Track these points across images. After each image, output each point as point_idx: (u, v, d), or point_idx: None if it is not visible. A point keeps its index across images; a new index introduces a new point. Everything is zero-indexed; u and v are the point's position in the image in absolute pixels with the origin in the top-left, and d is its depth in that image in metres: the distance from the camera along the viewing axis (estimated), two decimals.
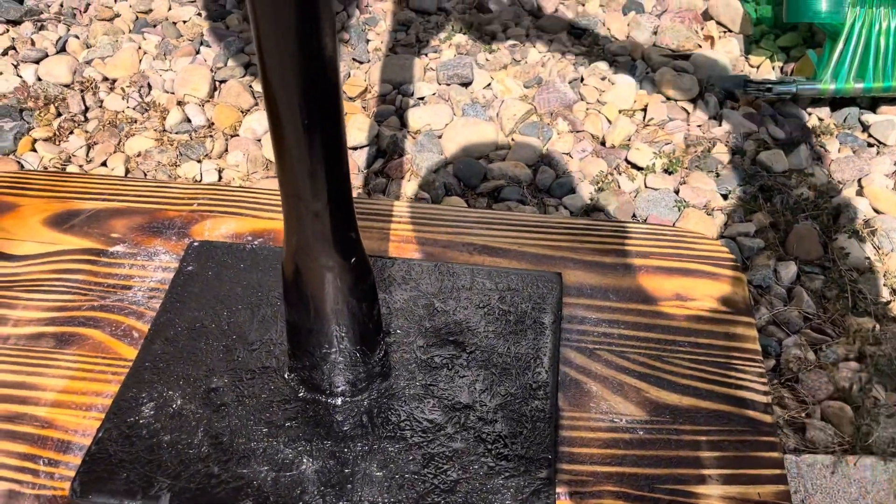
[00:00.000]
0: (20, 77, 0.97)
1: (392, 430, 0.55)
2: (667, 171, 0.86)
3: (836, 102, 0.94)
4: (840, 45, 0.90)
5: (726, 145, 0.89)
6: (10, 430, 0.56)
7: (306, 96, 0.40)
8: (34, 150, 0.87)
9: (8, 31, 1.05)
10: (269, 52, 0.39)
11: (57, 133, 0.89)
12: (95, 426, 0.56)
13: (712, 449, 0.56)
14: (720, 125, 0.93)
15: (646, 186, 0.84)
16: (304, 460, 0.53)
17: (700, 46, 1.08)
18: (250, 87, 0.96)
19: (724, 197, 0.83)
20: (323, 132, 0.42)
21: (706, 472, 0.55)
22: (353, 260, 0.49)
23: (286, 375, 0.58)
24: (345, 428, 0.55)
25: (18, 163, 0.85)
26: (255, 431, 0.54)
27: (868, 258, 0.74)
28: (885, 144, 0.89)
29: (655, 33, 1.10)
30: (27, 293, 0.66)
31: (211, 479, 0.52)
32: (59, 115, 0.91)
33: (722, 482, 0.54)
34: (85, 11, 1.11)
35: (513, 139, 0.91)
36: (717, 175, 0.85)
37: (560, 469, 0.54)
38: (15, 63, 0.99)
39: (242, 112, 0.92)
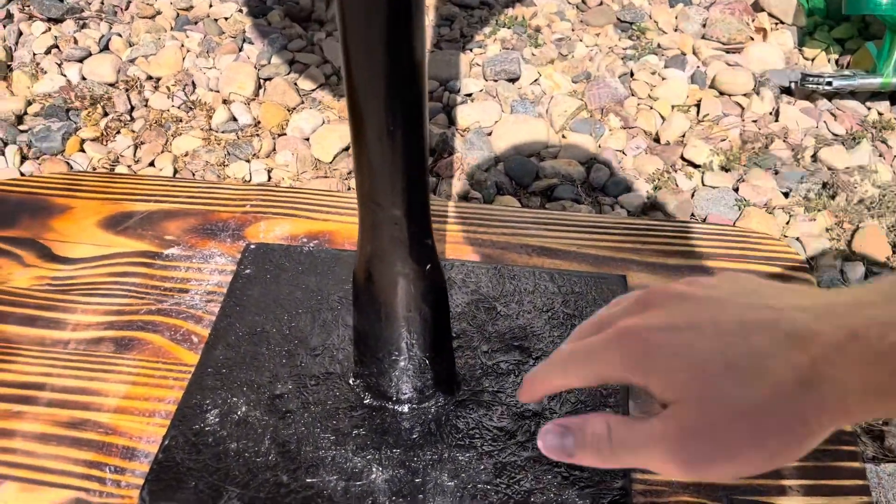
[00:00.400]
0: (65, 76, 0.96)
1: (462, 439, 0.53)
2: (724, 169, 0.84)
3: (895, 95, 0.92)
4: None
5: (784, 141, 0.87)
6: (74, 436, 0.55)
7: (392, 103, 0.39)
8: (82, 150, 0.86)
9: (50, 29, 1.05)
10: (356, 56, 0.37)
11: (104, 133, 0.88)
12: (160, 433, 0.55)
13: None
14: (777, 120, 0.91)
15: (703, 184, 0.82)
16: (374, 469, 0.52)
17: (752, 39, 1.05)
18: (295, 84, 0.95)
19: (786, 195, 0.81)
20: (406, 139, 0.40)
21: (786, 482, 0.53)
22: (427, 267, 0.48)
23: (351, 381, 0.57)
24: (413, 436, 0.54)
25: (67, 163, 0.84)
26: (322, 439, 0.53)
27: None
28: None
29: (704, 26, 1.07)
30: (84, 297, 0.65)
31: (280, 489, 0.51)
32: (106, 114, 0.91)
33: (803, 493, 0.52)
34: (126, 9, 1.11)
35: (564, 136, 0.89)
36: (777, 172, 0.83)
37: (635, 479, 0.53)
38: (59, 62, 0.99)
39: (289, 110, 0.91)
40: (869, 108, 0.92)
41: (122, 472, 0.53)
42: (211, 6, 1.10)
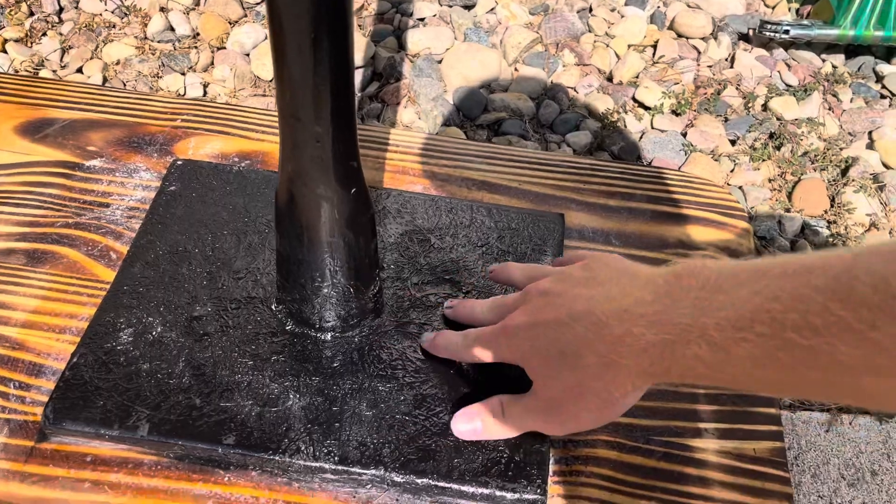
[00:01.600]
0: None
1: (384, 369, 0.53)
2: (675, 113, 0.82)
3: (851, 50, 0.91)
4: None
5: (737, 89, 0.86)
6: None
7: (315, 7, 0.36)
8: (4, 51, 0.81)
9: None
10: None
11: (29, 34, 0.83)
12: (69, 350, 0.53)
13: (709, 402, 0.55)
14: (731, 67, 0.89)
15: (652, 127, 0.81)
16: (291, 396, 0.51)
17: None
18: None
19: (733, 143, 0.80)
20: (331, 48, 0.38)
21: (702, 425, 0.54)
22: (353, 190, 0.46)
23: (273, 307, 0.55)
24: (334, 364, 0.53)
25: None
26: (239, 364, 0.52)
27: (874, 214, 0.72)
28: None
29: None
30: None
31: (192, 412, 0.49)
32: (32, 14, 0.85)
33: (718, 436, 0.53)
34: None
35: (516, 69, 0.86)
36: (726, 119, 0.82)
37: None
38: None
39: (230, 23, 0.87)
40: (824, 61, 0.91)
41: (27, 388, 0.51)
42: None
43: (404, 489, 0.48)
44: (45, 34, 0.83)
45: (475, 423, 0.48)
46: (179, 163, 0.64)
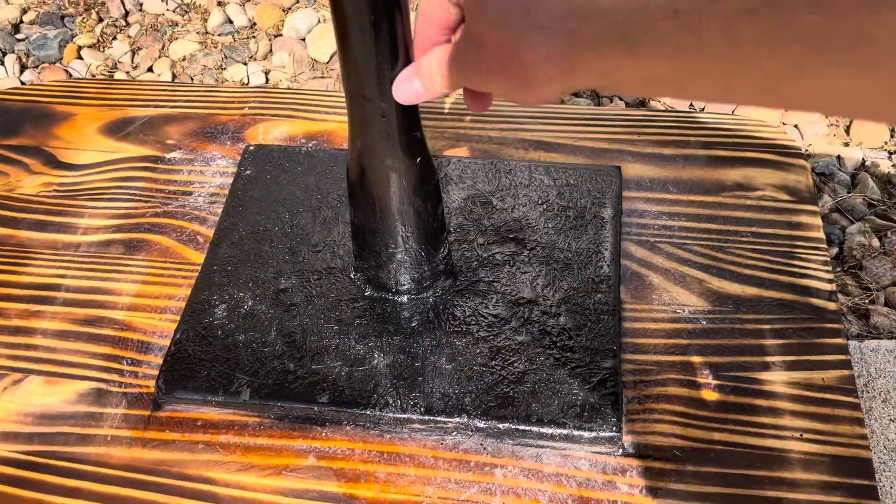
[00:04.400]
0: None
1: (458, 326, 0.56)
2: None
3: None
4: None
5: None
6: (92, 332, 0.58)
7: None
8: (80, 57, 0.86)
9: None
10: None
11: (100, 39, 0.88)
12: (171, 328, 0.58)
13: (776, 337, 0.57)
14: None
15: None
16: (376, 355, 0.55)
17: None
18: None
19: None
20: (390, 29, 0.41)
21: (770, 359, 0.55)
22: (418, 160, 0.49)
23: (352, 275, 0.59)
24: (412, 324, 0.56)
25: (66, 71, 0.84)
26: (325, 329, 0.56)
27: None
28: None
29: None
30: (92, 201, 0.67)
31: (287, 375, 0.54)
32: (101, 20, 0.90)
33: (786, 368, 0.55)
34: None
35: None
36: None
37: (625, 359, 0.55)
38: None
39: (284, 11, 0.90)
40: None
41: (138, 364, 0.57)
42: None
43: (487, 434, 0.52)
44: (114, 38, 0.88)
45: (415, 85, 0.41)
46: (252, 148, 0.69)
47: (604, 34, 0.27)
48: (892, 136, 0.73)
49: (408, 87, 0.42)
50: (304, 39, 0.87)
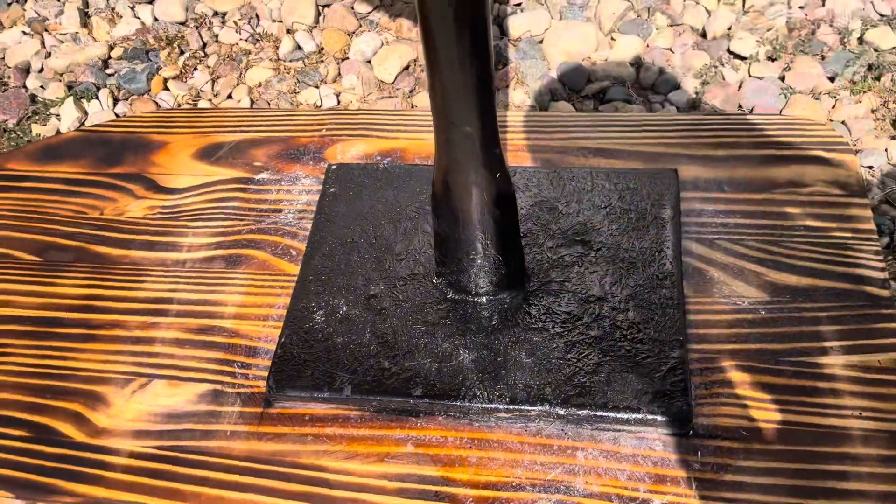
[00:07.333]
0: (139, 18, 1.03)
1: (534, 323, 0.61)
2: (771, 59, 0.86)
3: None
4: None
5: (831, 26, 0.89)
6: (204, 340, 0.65)
7: (460, 34, 0.45)
8: (166, 88, 0.94)
9: None
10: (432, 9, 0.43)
11: (183, 70, 0.95)
12: (275, 333, 0.64)
13: (833, 323, 0.61)
14: (823, 5, 0.92)
15: (750, 76, 0.85)
16: (461, 352, 0.60)
17: None
18: (352, 8, 1.00)
19: (831, 80, 0.84)
20: (474, 65, 0.46)
21: (828, 344, 0.60)
22: (497, 175, 0.54)
23: (434, 280, 0.64)
24: (493, 322, 0.62)
25: (155, 102, 0.92)
26: (414, 330, 0.62)
27: None
28: None
29: None
30: (193, 221, 0.74)
31: (384, 373, 0.60)
32: (182, 52, 0.98)
33: (843, 353, 0.59)
34: None
35: (613, 38, 0.92)
36: (823, 58, 0.85)
37: (691, 349, 0.60)
38: (131, 5, 1.05)
39: (349, 35, 0.96)
40: None
41: (248, 367, 0.63)
42: None
43: (568, 420, 0.57)
44: (195, 69, 0.95)
45: None
46: (333, 167, 0.75)
47: None
48: None
49: None
50: (369, 61, 0.93)
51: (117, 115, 0.91)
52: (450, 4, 0.43)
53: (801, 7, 0.92)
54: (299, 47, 0.96)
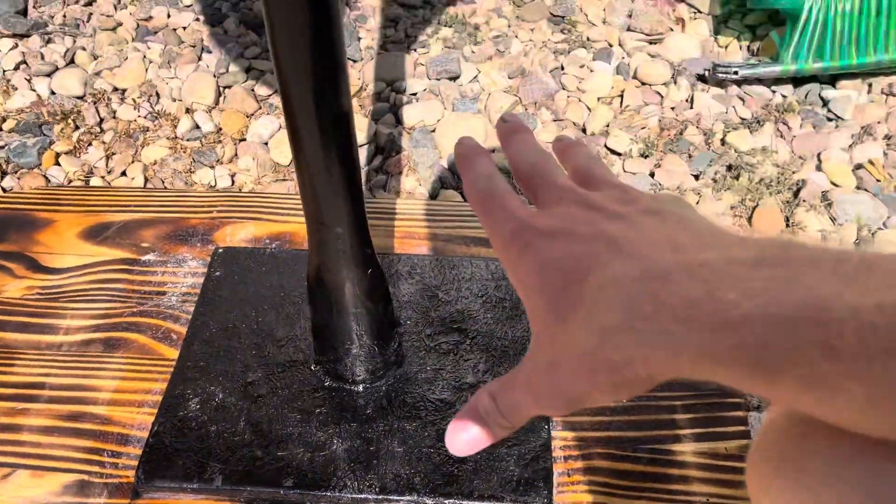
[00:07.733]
0: (35, 91, 1.02)
1: (409, 411, 0.63)
2: (643, 156, 0.93)
3: (799, 78, 1.01)
4: (799, 28, 0.97)
5: (697, 127, 0.97)
6: (74, 427, 0.64)
7: (327, 145, 0.48)
8: (58, 163, 0.93)
9: (17, 45, 1.11)
10: (295, 109, 0.46)
11: (77, 146, 0.95)
12: (149, 420, 0.64)
13: (686, 412, 0.65)
14: (691, 107, 1.00)
15: (624, 171, 0.92)
16: (335, 441, 0.61)
17: (671, 29, 1.14)
18: (253, 91, 1.02)
19: (696, 178, 0.91)
20: (342, 172, 0.49)
21: (681, 432, 0.64)
22: (369, 271, 0.57)
23: (312, 367, 0.66)
24: (368, 411, 0.63)
25: (45, 177, 0.91)
26: (289, 418, 0.63)
27: (824, 230, 0.82)
28: (842, 119, 0.96)
29: (630, 16, 1.16)
30: (73, 303, 0.73)
31: (256, 462, 0.60)
32: (77, 127, 0.97)
33: (694, 440, 0.63)
34: (87, 21, 1.16)
35: None
36: (689, 157, 0.93)
37: (556, 437, 0.63)
38: (28, 77, 1.05)
39: (248, 116, 0.99)
40: (774, 92, 1.02)
41: (118, 455, 0.62)
42: (169, 16, 1.16)
43: None
44: (90, 144, 0.95)
45: (472, 432, 0.33)
46: (220, 250, 0.76)
47: (735, 354, 0.23)
48: (787, 226, 0.83)
49: (461, 437, 0.34)
50: (266, 144, 0.95)
51: (4, 190, 0.90)
52: (314, 124, 0.46)
53: (671, 108, 1.00)
54: (198, 126, 0.97)
